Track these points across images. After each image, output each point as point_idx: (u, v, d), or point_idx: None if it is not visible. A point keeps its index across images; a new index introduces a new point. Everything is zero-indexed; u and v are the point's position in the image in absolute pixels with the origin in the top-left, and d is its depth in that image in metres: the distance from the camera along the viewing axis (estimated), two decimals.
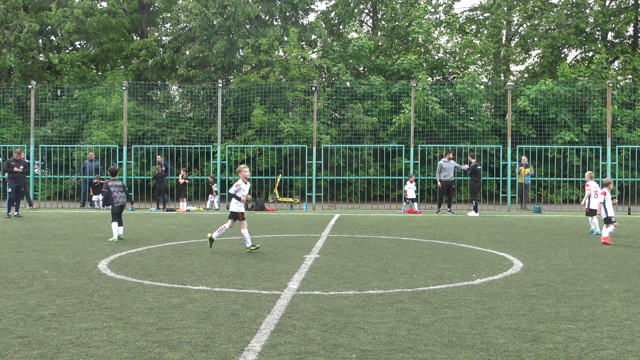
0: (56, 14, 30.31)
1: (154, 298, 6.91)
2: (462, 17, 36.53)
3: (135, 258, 10.00)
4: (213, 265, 9.29)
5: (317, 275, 8.41)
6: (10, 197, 18.37)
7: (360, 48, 29.01)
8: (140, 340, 5.27)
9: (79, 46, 33.72)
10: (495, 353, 4.97)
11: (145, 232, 14.07)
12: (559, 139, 25.61)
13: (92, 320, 5.90)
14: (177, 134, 27.35)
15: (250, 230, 14.82)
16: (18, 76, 30.60)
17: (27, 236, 13.11)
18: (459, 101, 27.56)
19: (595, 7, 32.90)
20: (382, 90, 27.42)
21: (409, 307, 6.56)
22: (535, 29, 33.39)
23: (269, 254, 10.52)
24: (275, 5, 31.51)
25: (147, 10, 34.69)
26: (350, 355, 4.90)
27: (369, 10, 37.87)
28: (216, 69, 31.41)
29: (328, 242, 12.41)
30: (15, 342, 5.19)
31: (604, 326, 5.85)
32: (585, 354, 4.98)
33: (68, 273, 8.52)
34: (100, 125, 26.68)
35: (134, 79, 31.08)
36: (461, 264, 9.59)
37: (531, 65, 35.81)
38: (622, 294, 7.37)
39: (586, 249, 11.47)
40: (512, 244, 12.27)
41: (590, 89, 26.44)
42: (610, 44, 33.81)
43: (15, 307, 6.44)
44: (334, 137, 26.61)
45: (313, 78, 27.88)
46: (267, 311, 6.30)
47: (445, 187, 21.34)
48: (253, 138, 26.74)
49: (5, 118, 28.01)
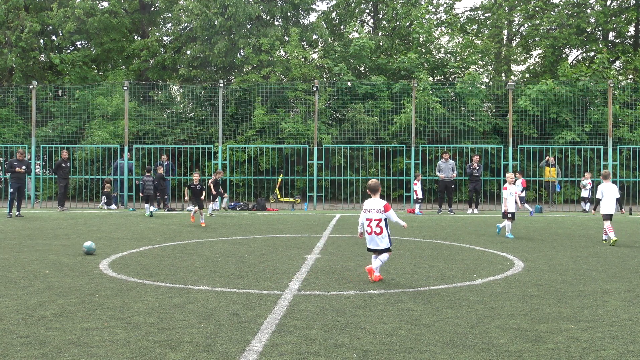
0: (57, 14, 30.33)
1: (155, 298, 6.91)
2: (463, 17, 36.50)
3: (137, 258, 10.00)
4: (214, 265, 9.29)
5: (318, 275, 8.41)
6: (11, 197, 18.39)
7: (361, 48, 29.01)
8: (142, 340, 5.27)
9: (80, 46, 33.73)
10: (496, 353, 4.97)
11: (146, 232, 14.08)
12: (560, 139, 25.60)
13: (94, 320, 5.90)
14: (178, 134, 27.35)
15: (251, 230, 14.86)
16: (19, 76, 30.61)
17: (29, 236, 13.12)
18: (459, 101, 27.55)
19: (597, 7, 32.86)
20: (383, 90, 27.41)
21: (410, 307, 6.56)
22: (536, 29, 33.38)
23: (270, 254, 10.52)
24: (276, 5, 31.51)
25: (148, 10, 34.70)
26: (352, 355, 4.90)
27: (370, 10, 37.87)
28: (217, 69, 31.42)
29: (329, 242, 12.41)
30: (16, 342, 5.20)
31: (605, 326, 5.84)
32: (586, 354, 4.98)
33: (69, 273, 8.53)
34: (102, 126, 26.69)
35: (135, 79, 31.10)
36: (462, 264, 9.59)
37: (532, 65, 35.79)
38: (624, 294, 7.37)
39: (587, 249, 11.47)
40: (513, 244, 12.27)
41: (591, 89, 26.42)
42: (611, 44, 33.77)
43: (17, 307, 6.45)
44: (335, 137, 26.61)
45: (314, 78, 27.88)
46: (268, 311, 6.30)
47: (443, 187, 21.50)
48: (254, 138, 26.74)
49: (7, 118, 28.03)
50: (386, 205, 8.04)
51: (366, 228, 7.99)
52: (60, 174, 21.62)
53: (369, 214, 8.02)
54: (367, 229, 7.97)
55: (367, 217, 8.03)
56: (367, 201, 8.13)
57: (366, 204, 8.09)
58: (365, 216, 8.05)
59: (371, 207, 8.03)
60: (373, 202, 8.04)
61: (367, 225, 8.00)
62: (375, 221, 7.93)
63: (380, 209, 7.97)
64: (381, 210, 7.97)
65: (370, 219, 7.98)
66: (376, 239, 7.93)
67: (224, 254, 10.48)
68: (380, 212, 7.97)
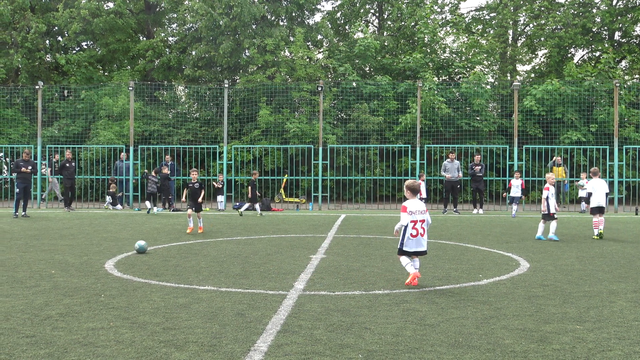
0: (63, 14, 30.44)
1: (161, 298, 6.92)
2: (468, 17, 36.46)
3: (142, 258, 10.02)
4: (219, 265, 9.30)
5: (323, 276, 8.41)
6: (17, 197, 18.46)
7: (366, 48, 29.00)
8: (147, 340, 5.28)
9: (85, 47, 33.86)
10: (501, 354, 4.96)
11: (151, 232, 14.11)
12: (566, 139, 25.52)
13: (99, 320, 5.92)
14: (184, 135, 27.41)
15: (256, 230, 14.86)
16: (25, 77, 30.74)
17: (35, 236, 13.16)
18: (465, 101, 27.51)
19: (602, 7, 32.76)
20: (388, 90, 27.40)
21: (415, 307, 6.55)
22: (541, 29, 33.30)
23: (275, 254, 10.52)
24: (281, 6, 31.54)
25: (154, 10, 34.79)
26: (357, 355, 4.90)
27: (374, 10, 37.86)
28: (222, 70, 31.46)
29: (334, 242, 12.40)
30: (22, 341, 5.22)
31: (611, 327, 5.82)
32: (592, 355, 4.96)
33: (75, 273, 8.55)
34: (107, 126, 26.76)
35: (140, 79, 31.18)
36: (467, 264, 9.57)
37: (538, 65, 35.73)
38: (630, 294, 7.34)
39: (593, 250, 11.43)
40: (518, 244, 12.24)
41: (597, 89, 26.35)
42: (617, 43, 33.66)
43: (23, 306, 6.47)
44: (340, 137, 26.61)
45: (319, 78, 27.89)
46: (274, 311, 6.30)
47: (449, 187, 21.51)
48: (259, 138, 26.76)
49: (13, 118, 28.13)
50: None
51: (411, 230, 7.73)
52: (65, 174, 21.71)
53: (415, 216, 7.78)
54: (413, 231, 7.73)
55: (413, 219, 7.75)
56: (410, 202, 7.87)
57: (410, 206, 7.82)
58: (410, 218, 7.75)
59: (416, 209, 7.81)
60: (417, 204, 7.86)
61: (412, 227, 7.75)
62: (420, 222, 7.77)
63: (424, 210, 7.88)
64: (424, 211, 7.89)
65: (415, 220, 7.75)
66: (422, 240, 7.81)
67: (229, 254, 10.49)
68: (424, 213, 7.87)
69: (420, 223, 7.76)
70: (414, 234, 7.74)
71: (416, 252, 7.82)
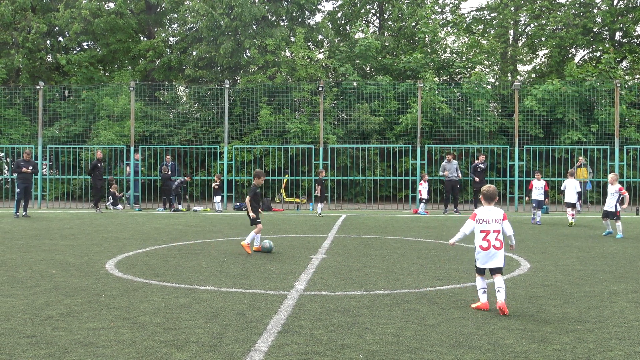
0: (64, 15, 30.43)
1: (161, 298, 6.93)
2: (469, 17, 36.44)
3: (143, 258, 10.03)
4: (220, 265, 9.30)
5: (323, 276, 8.41)
6: (18, 197, 18.47)
7: (366, 48, 28.99)
8: (148, 340, 5.28)
9: (86, 47, 33.84)
10: (502, 354, 4.96)
11: (152, 232, 14.11)
12: (567, 139, 25.51)
13: (100, 320, 5.92)
14: (184, 135, 27.41)
15: None
16: (26, 77, 30.74)
17: (35, 236, 13.17)
18: (465, 101, 27.50)
19: (603, 7, 32.75)
20: (389, 90, 27.39)
21: (415, 307, 6.55)
22: (542, 29, 33.28)
23: (276, 255, 10.53)
24: (282, 6, 31.53)
25: (154, 11, 34.78)
26: (357, 355, 4.90)
27: (375, 10, 37.85)
28: (223, 70, 31.46)
29: (335, 242, 12.41)
30: (23, 341, 5.22)
31: (612, 327, 5.82)
32: (593, 355, 4.96)
33: (76, 273, 8.56)
34: (108, 126, 26.77)
35: (141, 79, 31.18)
36: (468, 264, 9.56)
37: (538, 65, 35.70)
38: (631, 294, 7.33)
39: (594, 250, 11.42)
40: (519, 244, 12.23)
41: (598, 89, 26.33)
42: (618, 43, 33.64)
43: (24, 306, 6.47)
44: (341, 137, 26.60)
45: (320, 78, 27.88)
46: (274, 311, 6.30)
47: (449, 187, 21.52)
48: (260, 138, 26.76)
49: (14, 119, 28.14)
50: (504, 214, 6.83)
51: (481, 242, 6.63)
52: (96, 175, 21.51)
53: (486, 225, 6.64)
54: (484, 243, 6.60)
55: (484, 228, 6.64)
56: (482, 209, 6.78)
57: (481, 213, 6.73)
58: (479, 227, 6.67)
59: (489, 217, 6.66)
60: (491, 211, 6.71)
61: (482, 238, 6.63)
62: (493, 233, 6.60)
63: (499, 219, 6.68)
64: (500, 220, 6.69)
65: (487, 230, 6.61)
66: (496, 254, 6.59)
67: (229, 254, 10.49)
68: (499, 221, 6.68)
69: (494, 234, 6.61)
70: (485, 246, 6.62)
71: (486, 269, 6.67)
